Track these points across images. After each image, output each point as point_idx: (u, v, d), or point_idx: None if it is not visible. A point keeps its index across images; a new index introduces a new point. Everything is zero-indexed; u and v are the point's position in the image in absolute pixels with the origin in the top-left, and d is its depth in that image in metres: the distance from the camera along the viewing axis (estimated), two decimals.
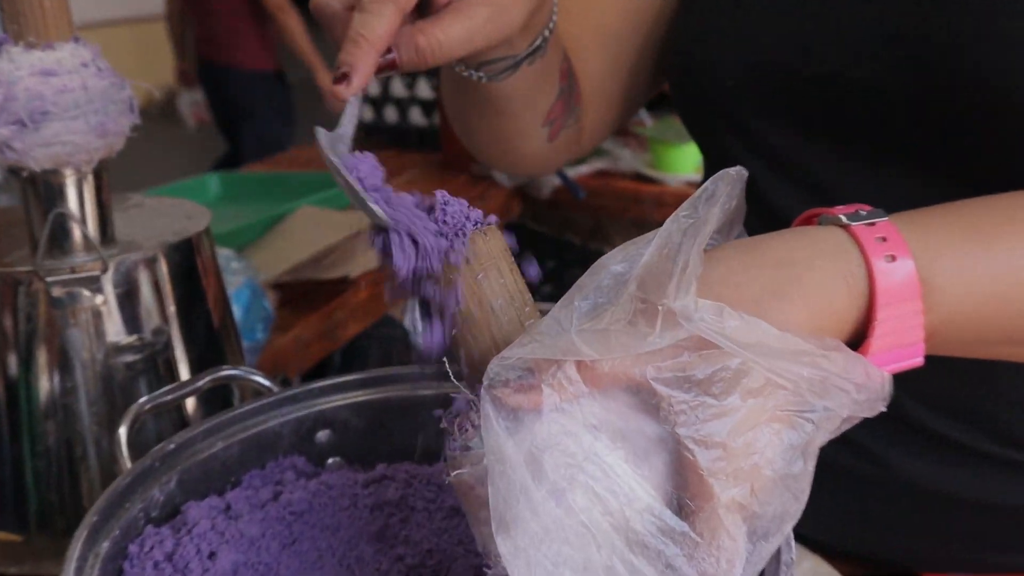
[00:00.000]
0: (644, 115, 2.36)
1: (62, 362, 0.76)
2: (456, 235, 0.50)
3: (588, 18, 0.88)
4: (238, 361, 0.88)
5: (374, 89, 2.51)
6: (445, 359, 0.51)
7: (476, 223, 0.50)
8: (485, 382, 0.44)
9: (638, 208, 2.18)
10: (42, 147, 0.71)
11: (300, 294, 1.61)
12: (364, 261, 1.67)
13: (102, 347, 0.77)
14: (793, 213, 0.79)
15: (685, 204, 0.48)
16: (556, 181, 2.16)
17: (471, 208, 0.51)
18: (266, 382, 0.73)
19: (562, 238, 2.43)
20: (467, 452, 0.46)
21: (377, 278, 1.70)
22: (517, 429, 0.44)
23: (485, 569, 0.47)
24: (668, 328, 0.43)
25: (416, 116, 2.48)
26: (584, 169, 2.20)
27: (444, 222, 0.50)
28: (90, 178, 0.75)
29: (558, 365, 0.44)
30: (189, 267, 0.82)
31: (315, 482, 0.70)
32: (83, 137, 0.72)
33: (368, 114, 2.54)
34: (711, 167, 0.92)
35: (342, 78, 0.56)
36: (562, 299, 0.46)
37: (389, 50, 0.60)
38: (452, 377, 0.49)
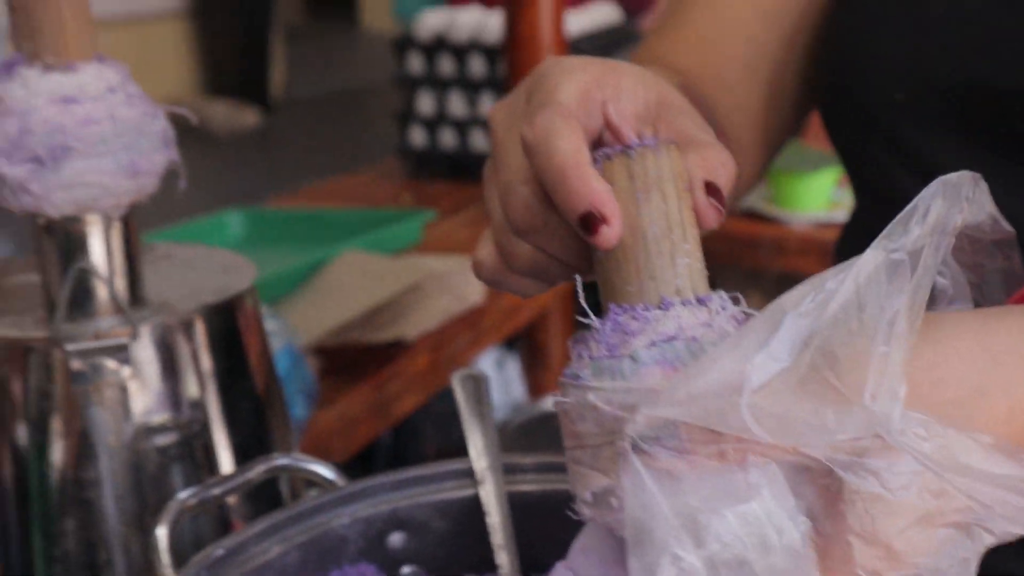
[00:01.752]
0: None
1: (83, 448, 0.77)
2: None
3: (729, 45, 0.92)
4: (288, 445, 0.89)
5: (427, 109, 2.54)
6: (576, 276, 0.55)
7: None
8: (628, 440, 0.47)
9: (752, 255, 2.17)
10: (62, 190, 0.73)
11: (345, 361, 1.62)
12: (421, 320, 1.68)
13: (130, 429, 0.78)
14: None
15: (890, 227, 0.48)
16: None
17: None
18: (330, 474, 0.74)
19: None
20: (575, 381, 0.49)
21: (437, 342, 1.71)
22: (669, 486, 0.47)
23: (569, 513, 0.52)
24: (859, 429, 0.45)
25: (479, 141, 2.50)
26: None
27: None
28: (118, 226, 0.77)
29: (720, 437, 0.46)
30: (231, 332, 0.83)
31: None
32: (111, 178, 0.74)
33: (420, 139, 2.57)
34: (865, 200, 0.94)
35: (595, 223, 0.52)
36: (748, 326, 0.47)
37: None
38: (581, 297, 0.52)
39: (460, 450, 2.31)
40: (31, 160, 0.72)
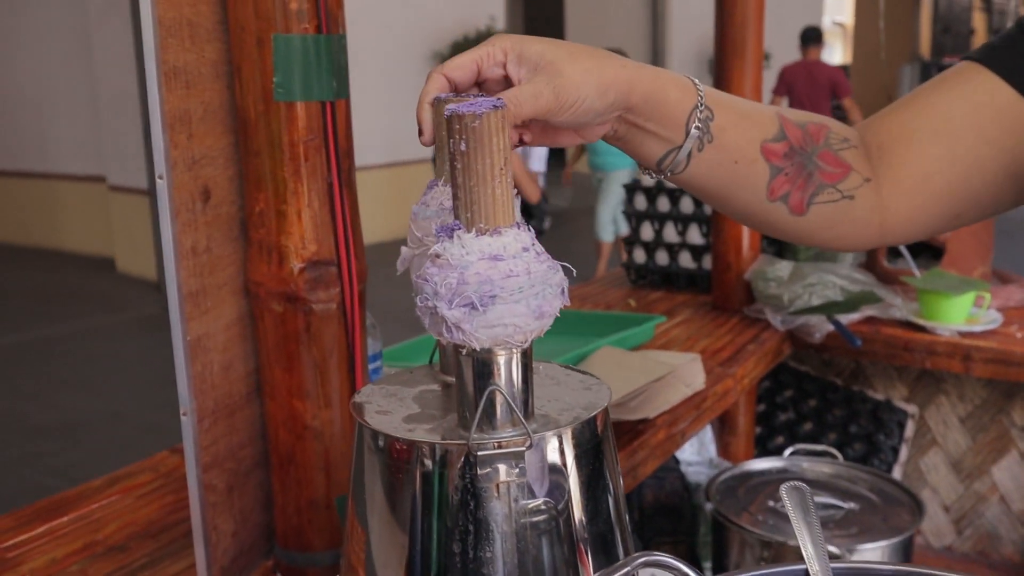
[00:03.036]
0: (912, 265, 2.21)
1: (481, 532, 0.70)
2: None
3: (929, 113, 0.86)
4: (625, 534, 0.79)
5: (648, 235, 2.46)
6: None
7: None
8: None
9: (908, 356, 2.02)
10: (486, 328, 0.66)
11: None
12: (661, 404, 1.58)
13: (516, 514, 0.70)
14: None
15: None
16: (829, 327, 2.02)
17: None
18: (693, 573, 0.65)
19: (825, 379, 2.28)
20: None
21: (671, 419, 1.61)
22: None
23: None
24: None
25: (686, 260, 2.41)
26: (855, 316, 2.06)
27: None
28: (519, 355, 0.70)
29: None
30: (595, 441, 0.75)
31: None
32: (522, 319, 0.67)
33: (640, 257, 2.49)
34: None
35: (420, 128, 0.73)
36: None
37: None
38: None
39: (670, 496, 2.16)
40: (466, 305, 0.65)
